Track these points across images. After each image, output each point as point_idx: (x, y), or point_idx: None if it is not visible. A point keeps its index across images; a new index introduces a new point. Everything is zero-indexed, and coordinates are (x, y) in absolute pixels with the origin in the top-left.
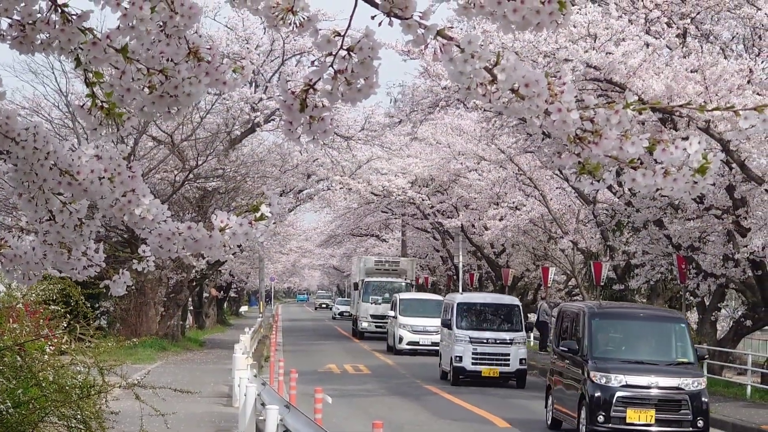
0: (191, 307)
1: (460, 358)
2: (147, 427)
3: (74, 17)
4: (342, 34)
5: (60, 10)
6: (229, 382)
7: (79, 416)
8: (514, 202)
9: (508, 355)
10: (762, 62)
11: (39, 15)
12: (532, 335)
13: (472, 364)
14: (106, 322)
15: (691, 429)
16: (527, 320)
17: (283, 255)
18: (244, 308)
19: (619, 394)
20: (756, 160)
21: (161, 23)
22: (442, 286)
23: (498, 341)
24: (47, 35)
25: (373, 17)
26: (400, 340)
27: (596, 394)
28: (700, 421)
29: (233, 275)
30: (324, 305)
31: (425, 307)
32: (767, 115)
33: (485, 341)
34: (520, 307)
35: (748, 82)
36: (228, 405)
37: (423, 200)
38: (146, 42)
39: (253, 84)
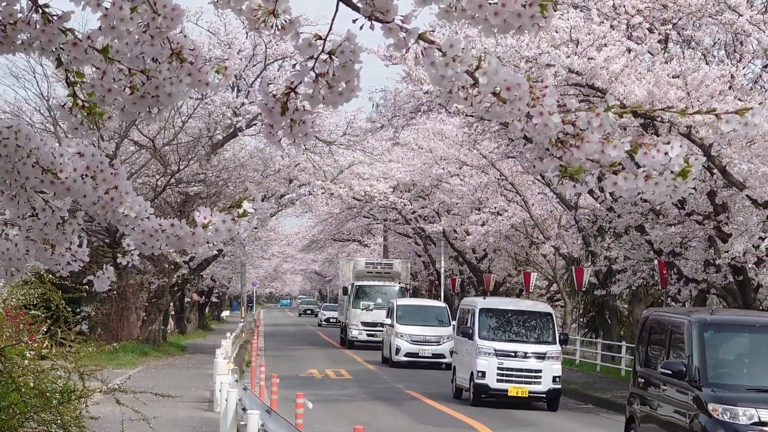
0: (173, 312)
1: (483, 373)
2: None
3: (55, 18)
4: (323, 37)
5: (41, 11)
6: (211, 386)
7: (59, 421)
8: (495, 208)
9: (540, 371)
10: (743, 68)
11: (20, 15)
12: None
13: (497, 381)
14: (87, 327)
15: None
16: None
17: (264, 260)
18: (225, 313)
19: None
20: (737, 165)
21: (144, 24)
22: (423, 291)
23: (528, 355)
24: (28, 35)
25: (354, 21)
26: (398, 350)
27: None
28: None
29: (215, 280)
30: (309, 311)
31: (426, 315)
32: (748, 118)
33: (513, 354)
34: (554, 316)
35: (730, 87)
36: (209, 410)
37: (405, 205)
38: (128, 42)
39: (235, 89)
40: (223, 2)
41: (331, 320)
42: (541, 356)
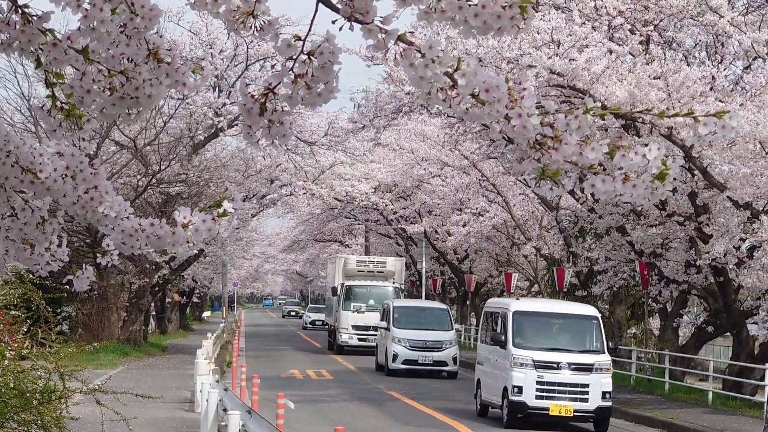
0: (154, 312)
1: (520, 389)
2: None
3: (35, 18)
4: (303, 38)
5: (20, 11)
6: (192, 387)
7: (39, 422)
8: (477, 208)
9: (587, 386)
10: (725, 69)
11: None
12: None
13: (537, 398)
14: (67, 327)
15: None
16: None
17: (246, 260)
18: (206, 314)
19: None
20: (718, 166)
21: (122, 24)
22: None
23: (573, 366)
24: (7, 36)
25: (333, 22)
26: (394, 357)
27: None
28: None
29: (196, 280)
30: (293, 312)
31: (426, 317)
32: (725, 121)
33: (555, 366)
34: (600, 321)
35: (711, 89)
36: (190, 410)
37: (386, 206)
38: (107, 43)
39: (217, 89)
40: (200, 4)
41: (317, 323)
42: (587, 368)
